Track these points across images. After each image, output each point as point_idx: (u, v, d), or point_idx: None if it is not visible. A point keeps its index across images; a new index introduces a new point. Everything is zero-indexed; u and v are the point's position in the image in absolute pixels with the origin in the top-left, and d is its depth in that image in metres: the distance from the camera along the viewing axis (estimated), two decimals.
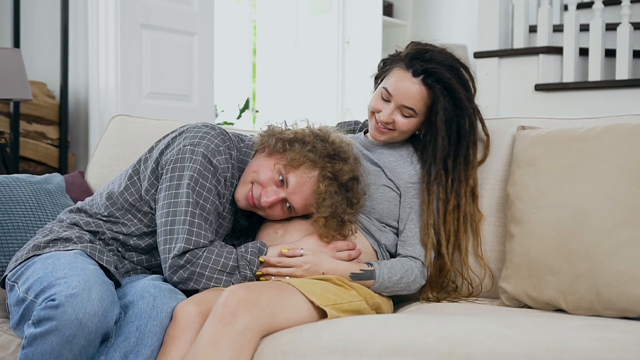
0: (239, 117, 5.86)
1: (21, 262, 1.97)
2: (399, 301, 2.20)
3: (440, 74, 2.11)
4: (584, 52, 4.65)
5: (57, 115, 4.21)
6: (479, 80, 4.90)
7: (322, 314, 1.87)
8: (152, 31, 4.34)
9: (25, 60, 4.00)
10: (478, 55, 4.91)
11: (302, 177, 2.02)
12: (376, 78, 2.28)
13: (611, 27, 4.59)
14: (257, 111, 6.22)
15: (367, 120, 2.31)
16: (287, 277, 1.98)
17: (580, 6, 4.81)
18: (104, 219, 2.08)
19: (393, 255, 2.17)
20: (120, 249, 2.07)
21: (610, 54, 4.59)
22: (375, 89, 2.24)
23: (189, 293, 1.94)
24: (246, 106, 5.85)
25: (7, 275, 2.00)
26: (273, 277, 1.99)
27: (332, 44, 6.34)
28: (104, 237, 2.06)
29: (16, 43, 4.09)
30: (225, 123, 5.62)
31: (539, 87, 4.64)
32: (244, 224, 2.19)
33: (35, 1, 4.25)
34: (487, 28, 4.92)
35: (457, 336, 1.58)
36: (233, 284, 1.95)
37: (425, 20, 6.75)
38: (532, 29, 4.87)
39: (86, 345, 1.72)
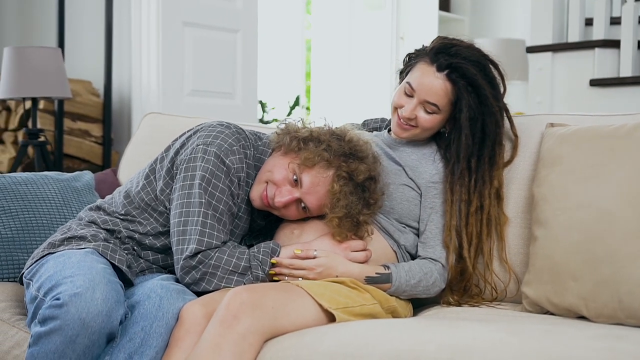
0: (289, 114, 5.85)
1: (37, 260, 1.99)
2: (419, 304, 2.13)
3: (466, 69, 2.03)
4: None
5: (100, 113, 4.26)
6: (532, 76, 4.74)
7: (332, 318, 1.81)
8: (195, 29, 4.35)
9: (70, 59, 4.06)
10: (531, 49, 4.79)
11: (317, 176, 1.97)
12: (401, 73, 2.22)
13: None
14: (307, 108, 6.20)
15: None
16: (300, 278, 1.94)
17: None
18: (121, 217, 2.07)
19: (414, 256, 2.10)
20: (135, 247, 2.06)
21: None
22: (400, 84, 2.17)
23: (200, 294, 1.92)
24: (296, 103, 5.84)
25: (24, 272, 2.01)
26: (286, 277, 1.95)
27: (386, 40, 6.27)
28: (120, 235, 2.05)
29: (61, 42, 4.16)
30: (275, 120, 5.62)
31: (595, 82, 4.49)
32: (261, 224, 2.15)
33: (80, 1, 4.31)
34: (541, 21, 4.79)
35: (459, 344, 1.52)
36: (245, 284, 1.91)
37: (483, 14, 6.61)
38: (588, 22, 4.71)
39: (90, 345, 1.71)
